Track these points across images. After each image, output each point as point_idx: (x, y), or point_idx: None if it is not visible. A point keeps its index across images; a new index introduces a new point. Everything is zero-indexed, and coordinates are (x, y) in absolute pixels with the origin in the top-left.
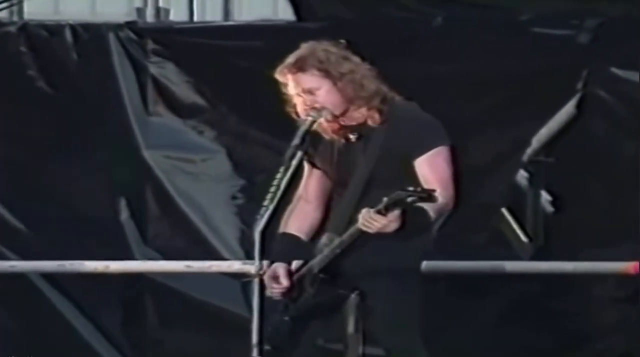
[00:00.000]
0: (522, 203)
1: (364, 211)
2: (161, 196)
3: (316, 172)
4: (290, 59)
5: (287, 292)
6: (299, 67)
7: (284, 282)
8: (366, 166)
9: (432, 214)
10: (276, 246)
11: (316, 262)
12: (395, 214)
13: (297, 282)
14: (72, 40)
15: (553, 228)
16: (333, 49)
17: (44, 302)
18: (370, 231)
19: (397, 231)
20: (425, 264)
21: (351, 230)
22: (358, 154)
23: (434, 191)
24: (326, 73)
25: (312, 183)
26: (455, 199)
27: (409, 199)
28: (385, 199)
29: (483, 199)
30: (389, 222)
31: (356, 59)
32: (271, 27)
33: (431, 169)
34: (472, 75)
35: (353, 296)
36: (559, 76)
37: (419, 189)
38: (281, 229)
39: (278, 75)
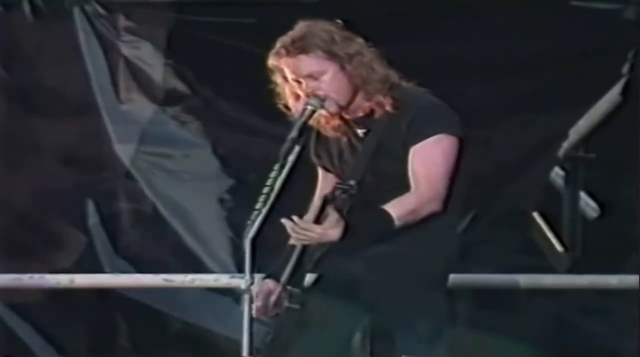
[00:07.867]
0: (557, 206)
1: (291, 221)
2: (135, 198)
3: (331, 177)
4: (286, 39)
5: (263, 312)
6: (301, 47)
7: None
8: (360, 161)
9: (395, 216)
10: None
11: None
12: (332, 220)
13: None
14: (30, 15)
15: (593, 236)
16: (333, 28)
17: None
18: (304, 243)
19: (344, 238)
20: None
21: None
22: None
23: (358, 183)
24: (332, 55)
25: (326, 189)
26: (445, 201)
27: (337, 193)
28: (316, 203)
29: (511, 201)
30: (325, 230)
31: (360, 39)
32: (264, 2)
33: (422, 160)
34: (497, 57)
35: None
36: (602, 57)
37: (349, 183)
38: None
39: (272, 59)
